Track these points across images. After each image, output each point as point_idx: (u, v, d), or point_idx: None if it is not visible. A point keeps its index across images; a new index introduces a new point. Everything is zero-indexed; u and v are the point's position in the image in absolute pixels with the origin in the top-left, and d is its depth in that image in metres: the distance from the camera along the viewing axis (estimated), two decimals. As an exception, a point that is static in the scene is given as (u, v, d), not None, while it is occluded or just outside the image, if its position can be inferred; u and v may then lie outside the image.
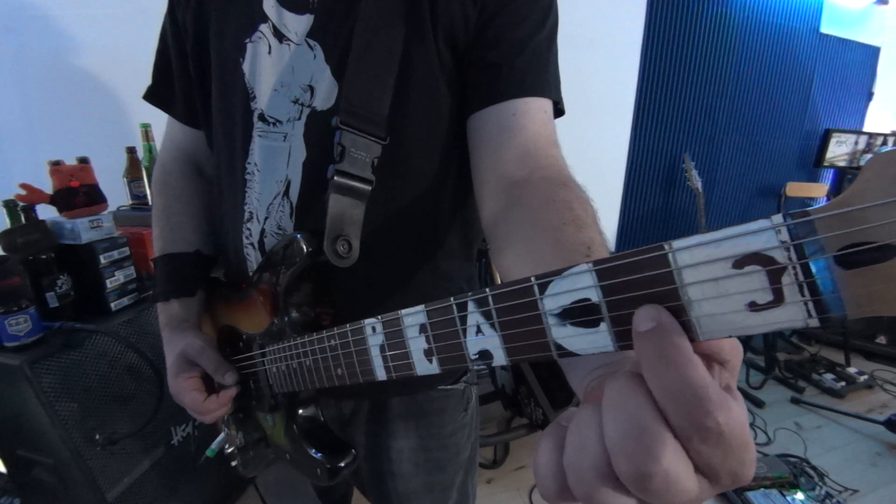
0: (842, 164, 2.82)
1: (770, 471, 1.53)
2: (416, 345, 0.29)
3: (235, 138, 0.54)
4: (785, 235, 0.16)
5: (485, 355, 0.26)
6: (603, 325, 0.21)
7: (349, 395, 0.62)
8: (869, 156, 2.80)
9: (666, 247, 0.19)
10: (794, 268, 0.16)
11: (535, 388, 1.55)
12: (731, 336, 0.18)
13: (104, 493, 0.93)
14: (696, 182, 2.30)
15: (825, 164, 2.79)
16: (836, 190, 2.86)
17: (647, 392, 0.19)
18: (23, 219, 0.94)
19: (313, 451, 0.50)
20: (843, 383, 2.12)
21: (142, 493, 1.02)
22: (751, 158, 2.65)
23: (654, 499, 0.18)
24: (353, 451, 0.51)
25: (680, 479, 0.18)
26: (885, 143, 2.81)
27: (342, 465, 0.49)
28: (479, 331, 0.25)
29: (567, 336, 0.22)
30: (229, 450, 0.61)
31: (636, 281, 0.19)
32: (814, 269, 0.16)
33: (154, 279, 0.62)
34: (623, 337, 0.20)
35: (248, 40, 0.50)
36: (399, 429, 0.61)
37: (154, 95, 0.64)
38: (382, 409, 0.61)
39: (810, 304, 0.16)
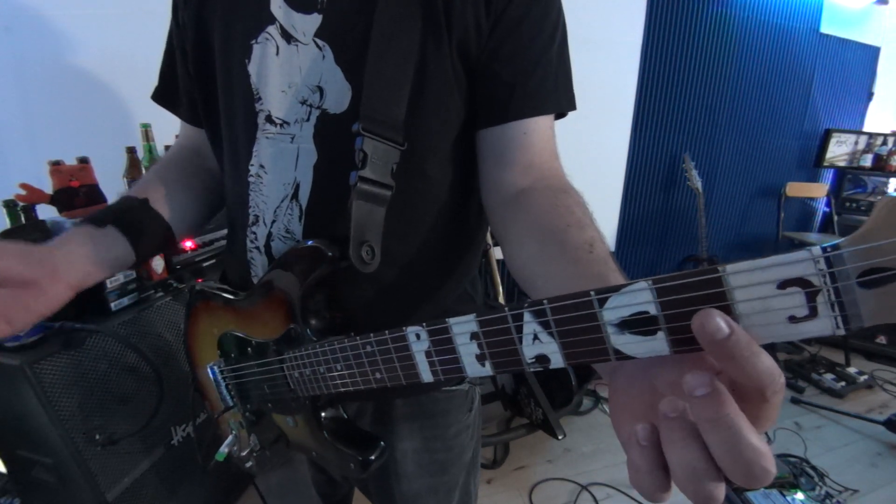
0: (842, 164, 2.82)
1: (770, 471, 1.53)
2: (468, 350, 0.31)
3: (239, 140, 0.53)
4: (822, 265, 0.20)
5: (542, 359, 0.28)
6: (660, 334, 0.24)
7: (353, 396, 0.61)
8: (869, 156, 2.81)
9: (720, 269, 0.22)
10: (827, 290, 0.20)
11: (535, 388, 1.55)
12: (772, 342, 0.22)
13: (104, 493, 0.93)
14: (696, 182, 2.30)
15: (825, 164, 2.79)
16: (835, 190, 2.87)
17: (731, 399, 0.22)
18: (23, 219, 0.94)
19: (344, 447, 0.51)
20: (843, 383, 2.13)
21: (142, 493, 1.02)
22: (751, 158, 2.66)
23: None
24: (382, 442, 0.51)
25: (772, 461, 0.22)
26: (884, 142, 2.81)
27: (373, 457, 0.50)
28: (536, 338, 0.27)
29: (626, 343, 0.25)
30: (243, 452, 0.60)
31: (692, 298, 0.23)
32: (842, 291, 0.20)
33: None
34: (677, 343, 0.24)
35: (254, 42, 0.50)
36: (403, 430, 0.61)
37: (161, 96, 0.64)
38: (387, 410, 0.61)
39: (839, 318, 0.20)
